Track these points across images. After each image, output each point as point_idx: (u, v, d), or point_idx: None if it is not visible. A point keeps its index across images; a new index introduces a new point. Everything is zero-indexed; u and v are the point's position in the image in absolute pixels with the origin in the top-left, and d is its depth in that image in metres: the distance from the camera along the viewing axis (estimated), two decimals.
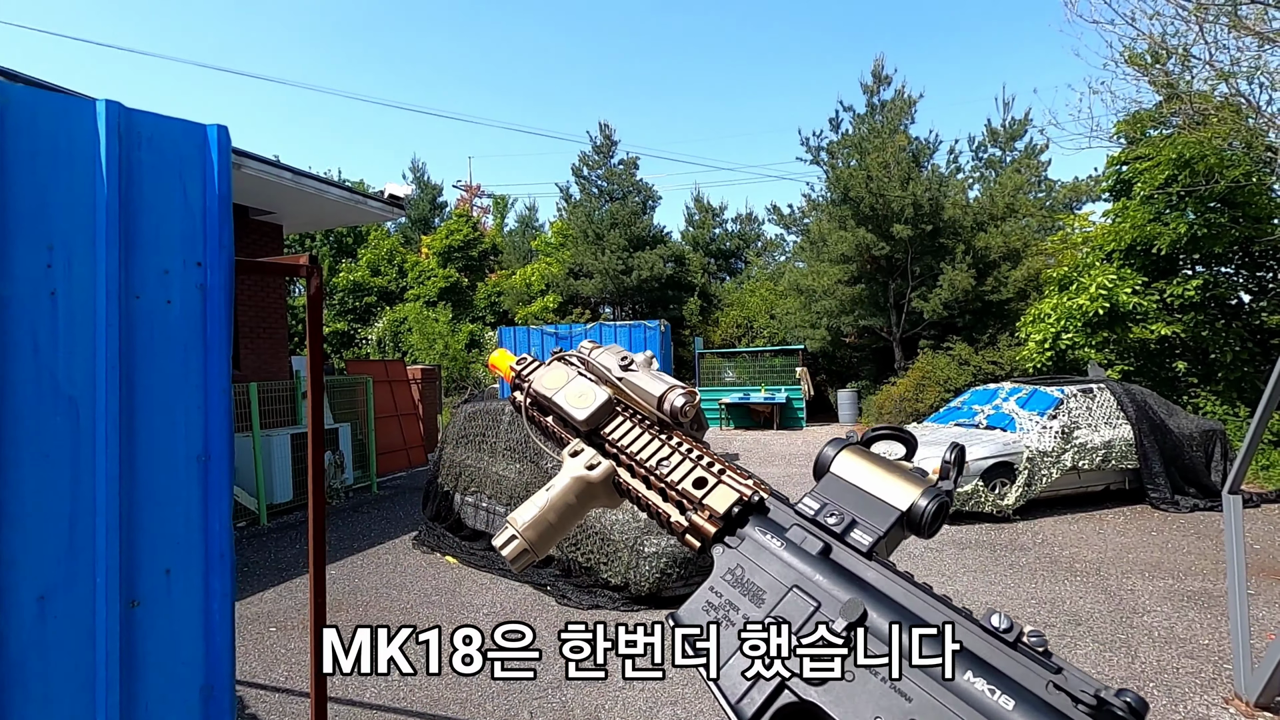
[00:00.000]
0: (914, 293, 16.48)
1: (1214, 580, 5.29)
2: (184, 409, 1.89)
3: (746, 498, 0.57)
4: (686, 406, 0.67)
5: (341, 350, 23.32)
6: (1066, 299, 11.44)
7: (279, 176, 7.93)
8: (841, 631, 0.45)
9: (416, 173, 30.89)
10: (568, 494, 0.67)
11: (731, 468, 0.61)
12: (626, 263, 21.78)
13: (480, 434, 6.71)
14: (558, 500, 0.67)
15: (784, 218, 22.39)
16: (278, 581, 5.73)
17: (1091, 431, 7.83)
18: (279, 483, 8.02)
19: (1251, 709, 3.44)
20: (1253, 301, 11.96)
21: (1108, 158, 12.40)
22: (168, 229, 1.90)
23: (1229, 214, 10.45)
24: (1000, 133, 21.03)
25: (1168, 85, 9.66)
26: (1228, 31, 8.21)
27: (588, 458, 0.69)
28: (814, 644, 0.45)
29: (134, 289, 1.84)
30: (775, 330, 19.98)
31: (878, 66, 18.12)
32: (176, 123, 1.94)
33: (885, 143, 16.28)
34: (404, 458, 11.24)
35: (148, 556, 1.81)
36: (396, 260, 25.45)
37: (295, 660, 4.22)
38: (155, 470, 1.84)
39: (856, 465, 0.56)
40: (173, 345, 1.89)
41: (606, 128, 23.84)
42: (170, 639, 1.84)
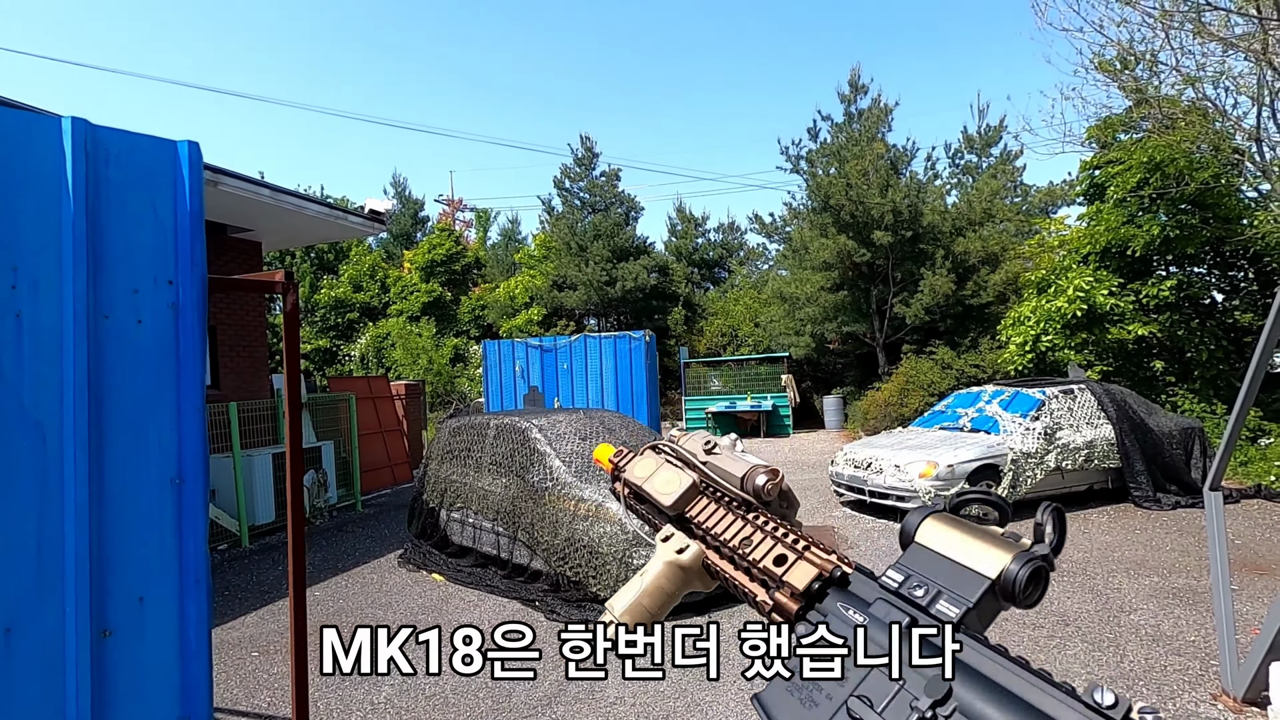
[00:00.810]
0: (896, 298, 16.63)
1: (1198, 577, 5.35)
2: (156, 431, 1.85)
3: (827, 572, 0.56)
4: (769, 485, 0.68)
5: (324, 367, 23.08)
6: (1045, 301, 11.59)
7: (257, 193, 7.85)
8: (927, 710, 0.43)
9: (398, 188, 30.80)
10: (660, 579, 0.69)
11: (816, 543, 0.61)
12: (610, 274, 21.80)
13: (465, 449, 6.65)
14: (651, 586, 0.69)
15: (766, 226, 22.55)
16: (260, 605, 5.62)
17: (1073, 432, 7.91)
18: (261, 503, 7.89)
19: (1239, 704, 3.46)
20: (1225, 300, 12.20)
21: (1081, 162, 12.63)
22: (137, 247, 1.87)
23: (1199, 215, 10.66)
24: (976, 139, 21.37)
25: (1137, 90, 9.88)
26: (1192, 37, 8.41)
27: (677, 543, 0.71)
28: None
29: (103, 309, 1.80)
30: (760, 338, 20.06)
31: (854, 76, 18.36)
32: (145, 139, 1.91)
33: (863, 151, 16.47)
34: (389, 475, 11.10)
35: (120, 584, 1.76)
36: (379, 276, 25.29)
37: (278, 686, 4.13)
38: (127, 495, 1.79)
39: (943, 533, 0.53)
40: (144, 365, 1.84)
41: (588, 140, 23.93)
42: (144, 668, 1.79)
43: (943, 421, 8.89)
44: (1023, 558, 0.48)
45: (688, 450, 0.78)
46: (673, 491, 0.73)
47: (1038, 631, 4.44)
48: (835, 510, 8.26)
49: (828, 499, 8.85)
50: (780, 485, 0.69)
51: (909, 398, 14.08)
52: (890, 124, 17.74)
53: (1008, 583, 0.47)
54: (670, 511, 0.73)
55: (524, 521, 5.62)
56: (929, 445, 7.86)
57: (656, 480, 0.77)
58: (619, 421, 6.73)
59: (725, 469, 0.72)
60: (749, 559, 0.63)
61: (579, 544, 5.10)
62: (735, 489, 0.70)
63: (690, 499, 0.73)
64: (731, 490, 0.71)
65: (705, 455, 0.75)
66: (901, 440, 8.43)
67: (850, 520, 7.75)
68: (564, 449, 5.90)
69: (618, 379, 12.00)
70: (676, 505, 0.73)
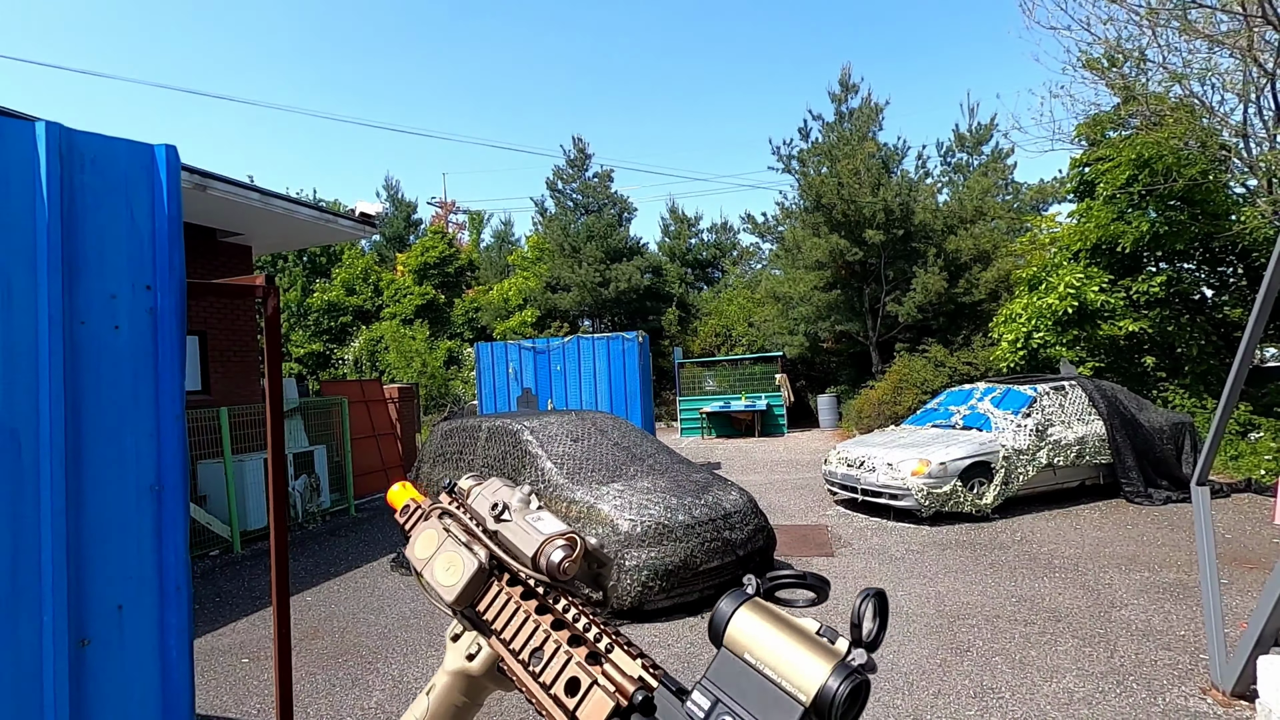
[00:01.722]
0: (888, 297, 16.67)
1: (1188, 571, 5.37)
2: (134, 438, 1.83)
3: (625, 704, 0.49)
4: (564, 563, 0.58)
5: (317, 371, 22.99)
6: (1036, 299, 11.63)
7: (246, 197, 7.81)
8: None
9: (390, 190, 30.70)
10: (451, 693, 0.61)
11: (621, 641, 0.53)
12: (604, 275, 21.79)
13: (458, 451, 6.63)
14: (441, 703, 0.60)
15: (758, 226, 22.57)
16: (251, 610, 5.58)
17: (1065, 428, 7.93)
18: (253, 508, 7.85)
19: (1228, 698, 3.48)
20: (1214, 296, 12.27)
21: (1070, 159, 12.68)
22: (114, 252, 1.85)
23: (1188, 211, 10.72)
24: (966, 138, 21.44)
25: (1124, 88, 9.93)
26: (1179, 35, 8.47)
27: (466, 644, 0.61)
28: None
29: (79, 315, 1.78)
30: (754, 338, 20.08)
31: (845, 75, 18.40)
32: (121, 143, 1.89)
33: (854, 150, 16.51)
34: (382, 478, 11.06)
35: (98, 593, 1.74)
36: (372, 279, 25.21)
37: (268, 693, 4.10)
38: (105, 503, 1.77)
39: (756, 633, 0.47)
40: (121, 372, 1.83)
41: (580, 141, 23.93)
42: (123, 679, 1.77)
43: (935, 419, 8.91)
44: (841, 671, 0.43)
45: (476, 516, 0.65)
46: (455, 583, 0.61)
47: (1029, 628, 4.45)
48: (829, 509, 8.27)
49: (821, 498, 8.86)
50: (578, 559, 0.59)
51: (902, 396, 14.11)
52: (881, 123, 17.80)
53: (824, 703, 0.43)
54: (453, 609, 0.62)
55: None
56: (922, 443, 7.87)
57: (436, 566, 0.64)
58: (612, 423, 6.72)
59: (514, 543, 0.60)
60: (539, 679, 0.54)
61: None
62: (528, 568, 0.59)
63: (477, 589, 0.61)
64: (524, 570, 0.60)
65: (494, 523, 0.63)
66: (894, 438, 8.44)
67: (844, 519, 7.76)
68: (556, 451, 5.89)
69: (611, 380, 11.99)
70: (460, 600, 0.61)
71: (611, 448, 6.13)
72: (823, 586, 0.52)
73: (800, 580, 0.51)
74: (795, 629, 0.47)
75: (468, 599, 0.61)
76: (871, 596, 0.46)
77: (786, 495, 9.22)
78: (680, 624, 4.76)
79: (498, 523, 0.63)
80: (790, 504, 8.66)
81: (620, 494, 5.32)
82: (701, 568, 4.99)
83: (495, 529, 0.62)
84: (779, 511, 8.09)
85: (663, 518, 5.02)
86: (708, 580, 5.08)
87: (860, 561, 6.13)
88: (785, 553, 6.29)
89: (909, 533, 7.02)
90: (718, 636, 0.49)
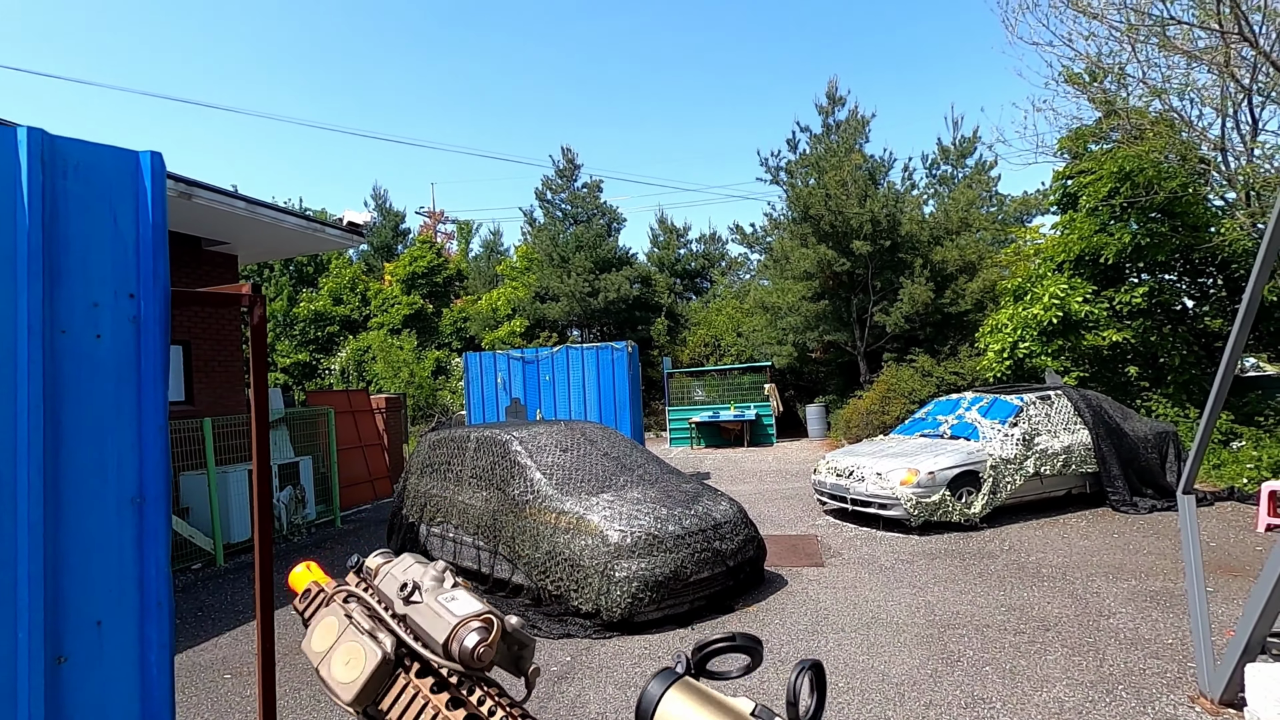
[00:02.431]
0: (876, 307, 16.79)
1: (1175, 580, 5.40)
2: (116, 449, 1.79)
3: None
4: (480, 648, 0.52)
5: (303, 381, 22.78)
6: (1021, 309, 11.76)
7: (232, 205, 7.75)
8: None
9: (378, 199, 30.63)
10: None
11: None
12: (593, 285, 21.80)
13: (445, 462, 6.57)
14: None
15: (747, 237, 22.71)
16: (234, 625, 5.48)
17: (1051, 437, 8.00)
18: (237, 520, 7.73)
19: (1216, 706, 3.49)
20: (1195, 306, 12.45)
21: (1054, 172, 12.88)
22: (97, 260, 1.82)
23: (1169, 223, 10.90)
24: (951, 150, 21.74)
25: (1106, 102, 10.11)
26: (1158, 51, 8.63)
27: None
28: None
29: (59, 323, 1.75)
30: (742, 348, 20.14)
31: (832, 88, 18.62)
32: (105, 149, 1.87)
33: (841, 161, 16.68)
34: (369, 490, 10.96)
35: (76, 608, 1.70)
36: (359, 288, 25.08)
37: (250, 708, 4.02)
38: (84, 515, 1.73)
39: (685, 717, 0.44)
40: (103, 381, 1.79)
41: (569, 151, 24.01)
42: (102, 696, 1.72)
43: (923, 429, 8.95)
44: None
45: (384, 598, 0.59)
46: (353, 679, 0.54)
47: (1018, 638, 4.45)
48: (819, 519, 8.27)
49: (811, 507, 8.86)
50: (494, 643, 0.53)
51: (890, 405, 14.18)
52: (867, 135, 18.04)
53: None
54: (352, 709, 0.56)
55: (505, 535, 5.55)
56: (910, 453, 7.90)
57: (335, 660, 0.57)
58: (601, 433, 6.70)
59: (424, 627, 0.54)
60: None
61: (560, 557, 5.05)
62: (439, 656, 0.53)
63: (379, 684, 0.55)
64: (435, 658, 0.54)
65: (403, 606, 0.57)
66: (883, 448, 8.47)
67: (833, 529, 7.76)
68: (545, 461, 5.86)
69: (600, 390, 11.96)
70: (360, 699, 0.55)
71: (601, 458, 6.10)
72: (755, 648, 0.48)
73: (730, 643, 0.48)
74: (727, 711, 0.43)
75: (369, 697, 0.54)
76: (807, 669, 0.43)
77: (776, 505, 9.21)
78: (671, 635, 4.73)
79: (406, 605, 0.56)
80: (780, 514, 8.65)
81: (610, 504, 5.29)
82: (692, 578, 4.96)
83: (404, 612, 0.56)
84: (769, 521, 8.08)
85: (653, 528, 5.00)
86: (698, 591, 5.06)
87: (850, 571, 6.12)
88: (775, 563, 6.28)
89: (898, 542, 7.03)
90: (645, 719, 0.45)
